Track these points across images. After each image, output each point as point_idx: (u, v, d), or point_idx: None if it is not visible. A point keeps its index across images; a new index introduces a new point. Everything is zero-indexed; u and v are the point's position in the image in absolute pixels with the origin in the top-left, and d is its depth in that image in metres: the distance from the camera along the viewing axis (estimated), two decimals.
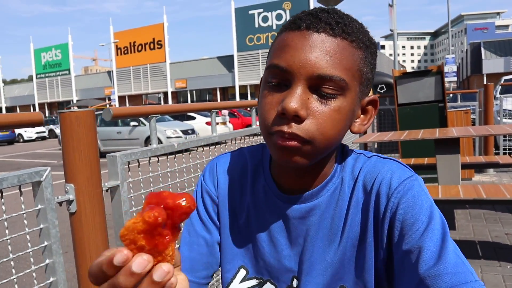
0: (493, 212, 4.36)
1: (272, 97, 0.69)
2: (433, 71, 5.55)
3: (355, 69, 0.67)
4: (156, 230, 0.40)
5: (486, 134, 3.46)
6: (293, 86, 0.66)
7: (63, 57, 44.53)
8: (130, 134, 13.01)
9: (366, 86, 0.72)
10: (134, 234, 0.40)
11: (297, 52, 0.65)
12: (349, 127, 0.73)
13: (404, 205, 0.68)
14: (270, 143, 0.70)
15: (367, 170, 0.76)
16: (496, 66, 33.65)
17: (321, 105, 0.66)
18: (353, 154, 0.80)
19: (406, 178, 0.71)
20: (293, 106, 0.63)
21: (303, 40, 0.66)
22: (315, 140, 0.66)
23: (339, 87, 0.66)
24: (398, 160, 0.77)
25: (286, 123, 0.65)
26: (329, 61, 0.65)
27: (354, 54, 0.67)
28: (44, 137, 26.79)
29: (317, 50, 0.65)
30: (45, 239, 1.39)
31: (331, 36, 0.66)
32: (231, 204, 0.86)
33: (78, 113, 1.42)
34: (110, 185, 1.59)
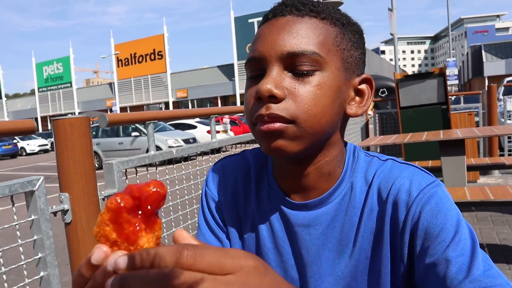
0: (499, 214, 4.29)
1: (251, 89, 0.67)
2: (435, 73, 5.51)
3: (330, 43, 0.64)
4: (121, 216, 0.37)
5: (491, 134, 3.41)
6: (267, 70, 0.64)
7: (65, 70, 44.82)
8: (132, 145, 12.99)
9: (354, 65, 0.68)
10: (104, 228, 0.37)
11: (265, 38, 0.65)
12: (342, 108, 0.68)
13: (427, 214, 0.62)
14: (256, 135, 0.67)
15: (383, 176, 0.69)
16: (497, 68, 33.64)
17: (299, 83, 0.63)
18: (365, 157, 0.73)
19: (427, 185, 0.65)
20: (265, 86, 0.61)
21: (270, 27, 0.65)
22: (299, 118, 0.62)
23: (314, 62, 0.63)
24: (416, 165, 0.71)
25: (264, 106, 0.63)
26: (298, 38, 0.63)
27: (328, 30, 0.65)
28: (47, 150, 26.84)
29: (285, 31, 0.64)
30: (39, 251, 1.34)
31: (298, 17, 0.65)
32: (236, 210, 0.80)
33: (72, 120, 1.38)
34: (107, 193, 1.55)
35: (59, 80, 45.63)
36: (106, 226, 0.37)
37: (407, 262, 0.65)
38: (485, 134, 3.48)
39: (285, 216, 0.73)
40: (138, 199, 0.38)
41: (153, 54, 38.86)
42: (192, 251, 0.33)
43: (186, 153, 1.94)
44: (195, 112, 2.07)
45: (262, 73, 0.65)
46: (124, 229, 0.37)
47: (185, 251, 0.33)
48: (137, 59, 39.88)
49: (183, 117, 2.06)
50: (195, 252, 0.33)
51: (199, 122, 17.31)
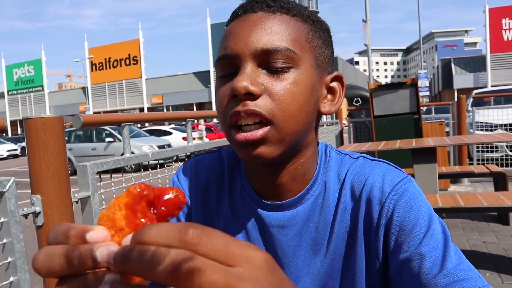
0: (469, 221, 4.41)
1: (224, 88, 0.64)
2: (407, 84, 5.66)
3: (302, 40, 0.64)
4: (139, 204, 0.34)
5: (461, 143, 3.51)
6: (241, 67, 0.62)
7: (36, 73, 43.67)
8: (106, 150, 12.74)
9: (326, 63, 0.68)
10: (115, 212, 0.33)
11: (237, 35, 0.63)
12: (316, 106, 0.67)
13: (400, 211, 0.63)
14: (231, 141, 0.64)
15: (355, 174, 0.69)
16: (466, 81, 34.78)
17: (275, 80, 0.61)
18: (337, 155, 0.74)
19: (399, 181, 0.66)
20: (241, 84, 0.59)
21: (241, 23, 0.64)
22: (277, 118, 0.60)
23: (289, 59, 0.61)
24: (387, 161, 0.72)
25: (241, 103, 0.61)
26: (271, 34, 0.62)
27: (300, 27, 0.64)
28: (16, 155, 25.99)
29: (257, 28, 0.62)
30: (9, 255, 1.29)
31: (270, 13, 0.63)
32: (206, 210, 0.78)
33: (45, 120, 1.35)
34: (80, 196, 1.51)
35: (30, 83, 44.39)
36: (119, 210, 0.34)
37: (382, 259, 0.65)
38: (455, 143, 3.58)
39: (259, 217, 0.72)
40: (157, 198, 0.35)
41: (128, 59, 38.37)
42: (199, 230, 0.29)
43: (162, 156, 1.91)
44: (172, 116, 2.06)
45: (234, 71, 0.63)
46: (137, 219, 0.34)
47: (191, 229, 0.29)
48: (112, 63, 39.28)
49: (160, 120, 2.03)
50: (202, 232, 0.29)
51: (174, 128, 17.17)
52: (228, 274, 0.28)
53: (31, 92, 44.50)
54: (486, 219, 4.43)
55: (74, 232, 0.32)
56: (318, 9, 4.95)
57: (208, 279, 0.27)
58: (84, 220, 1.57)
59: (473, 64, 36.36)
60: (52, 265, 0.31)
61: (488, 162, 6.82)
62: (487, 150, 6.93)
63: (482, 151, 6.97)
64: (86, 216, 1.55)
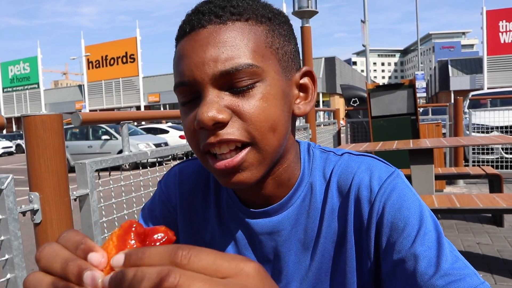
0: (464, 222, 4.43)
1: (189, 116, 0.60)
2: (405, 85, 5.68)
3: (262, 47, 0.58)
4: (129, 236, 0.36)
5: (457, 144, 3.53)
6: (203, 95, 0.57)
7: (32, 70, 43.43)
8: (102, 148, 12.70)
9: (291, 61, 0.63)
10: (108, 243, 0.36)
11: (190, 58, 0.57)
12: (290, 111, 0.63)
13: (390, 210, 0.61)
14: (208, 167, 0.61)
15: (340, 171, 0.67)
16: (462, 83, 34.90)
17: (241, 100, 0.57)
18: (321, 153, 0.71)
19: (387, 178, 0.64)
20: (207, 115, 0.55)
21: (192, 43, 0.58)
22: (254, 138, 0.57)
23: (252, 74, 0.57)
24: (373, 155, 0.69)
25: (212, 135, 0.57)
26: (227, 51, 0.56)
27: (255, 32, 0.58)
28: (11, 153, 25.87)
29: (210, 46, 0.56)
30: (6, 252, 1.29)
31: (220, 24, 0.57)
32: (192, 217, 0.76)
33: (44, 117, 1.34)
34: (79, 193, 1.50)
35: (25, 80, 44.15)
36: (112, 242, 0.36)
37: (374, 258, 0.64)
38: (452, 144, 3.60)
39: (246, 225, 0.70)
40: (147, 234, 0.37)
41: (125, 57, 38.21)
42: (187, 251, 0.31)
43: (161, 155, 1.91)
44: (171, 114, 2.06)
45: (196, 95, 0.59)
46: (126, 246, 0.36)
47: (180, 251, 0.31)
48: (109, 61, 39.11)
49: (159, 118, 2.03)
50: (190, 252, 0.31)
51: (171, 127, 17.12)
52: (213, 283, 0.29)
53: (27, 89, 44.27)
54: (481, 220, 4.45)
55: (83, 246, 0.35)
56: (317, 9, 4.94)
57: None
58: (82, 218, 1.57)
59: (470, 66, 36.49)
60: (52, 262, 0.35)
61: (484, 164, 6.85)
62: (483, 152, 6.96)
63: (478, 152, 7.00)
64: (84, 214, 1.55)
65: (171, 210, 0.78)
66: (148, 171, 2.02)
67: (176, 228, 0.77)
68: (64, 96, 45.37)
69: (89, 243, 0.35)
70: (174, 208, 0.78)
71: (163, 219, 0.78)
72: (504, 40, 27.58)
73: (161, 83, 39.49)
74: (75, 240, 0.36)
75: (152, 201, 0.80)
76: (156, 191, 0.82)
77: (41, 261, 0.35)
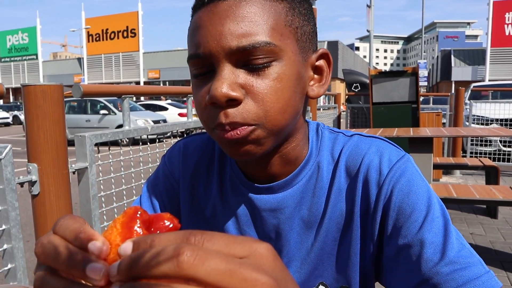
0: (458, 213, 4.47)
1: (201, 89, 0.59)
2: (408, 72, 5.64)
3: (281, 26, 0.57)
4: (134, 222, 0.35)
5: (457, 135, 3.52)
6: (217, 69, 0.56)
7: (31, 41, 42.89)
8: (100, 123, 12.66)
9: (309, 42, 0.62)
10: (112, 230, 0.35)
11: (208, 30, 0.56)
12: (304, 93, 0.62)
13: (399, 194, 0.60)
14: (216, 139, 0.61)
15: (350, 152, 0.66)
16: (464, 74, 34.79)
17: (256, 79, 0.56)
18: (330, 134, 0.70)
19: (397, 161, 0.63)
20: (221, 90, 0.54)
21: (210, 15, 0.56)
22: (262, 120, 0.56)
23: (269, 53, 0.55)
24: (383, 138, 0.68)
25: (222, 112, 0.56)
26: (245, 27, 0.55)
27: (276, 9, 0.57)
28: (8, 123, 25.77)
29: (228, 19, 0.55)
30: (3, 223, 1.28)
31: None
32: (194, 193, 0.76)
33: (45, 87, 1.32)
34: (78, 167, 1.49)
35: (24, 51, 43.64)
36: (115, 230, 0.35)
37: (377, 242, 0.63)
38: (452, 134, 3.59)
39: (249, 201, 0.69)
40: (152, 222, 0.36)
41: (126, 32, 37.72)
42: (200, 236, 0.30)
43: (161, 131, 1.89)
44: (173, 90, 2.02)
45: (210, 69, 0.58)
46: (132, 234, 0.35)
47: (193, 237, 0.30)
48: (109, 35, 38.62)
49: (161, 94, 2.01)
50: (203, 237, 0.30)
51: (171, 104, 17.04)
52: (230, 259, 0.29)
53: (25, 60, 43.80)
54: (475, 211, 4.49)
55: (82, 235, 0.33)
56: None
57: (210, 264, 0.28)
58: (80, 191, 1.55)
59: (473, 57, 36.32)
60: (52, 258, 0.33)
61: (481, 155, 6.87)
62: (481, 144, 6.97)
63: (476, 144, 7.01)
64: (83, 188, 1.54)
65: (174, 185, 0.77)
66: (148, 147, 2.00)
67: (178, 203, 0.77)
68: (63, 68, 44.98)
69: (89, 231, 0.34)
70: (177, 182, 0.77)
71: (166, 194, 0.78)
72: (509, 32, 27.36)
73: (162, 60, 39.17)
74: (73, 229, 0.34)
75: (156, 175, 0.80)
76: (160, 165, 0.81)
77: (41, 257, 0.34)
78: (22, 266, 1.31)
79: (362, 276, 0.66)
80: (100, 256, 0.32)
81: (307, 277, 0.68)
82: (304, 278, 0.68)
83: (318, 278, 0.67)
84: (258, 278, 0.29)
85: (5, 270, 1.30)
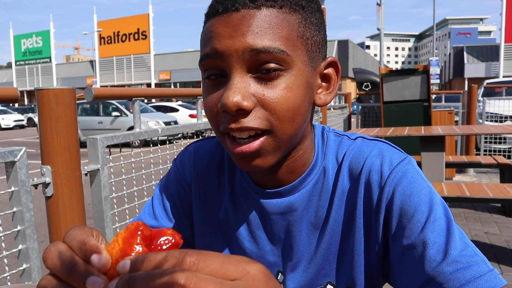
0: (473, 211, 4.41)
1: (212, 94, 0.60)
2: (419, 70, 5.59)
3: (294, 37, 0.58)
4: (135, 239, 0.36)
5: (470, 133, 3.48)
6: (230, 75, 0.57)
7: (44, 44, 43.46)
8: (112, 124, 12.78)
9: (318, 51, 0.63)
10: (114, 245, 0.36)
11: (221, 36, 0.57)
12: (312, 101, 0.63)
13: (400, 195, 0.61)
14: (226, 148, 0.62)
15: (353, 155, 0.67)
16: (477, 70, 34.28)
17: (267, 88, 0.57)
18: (335, 137, 0.71)
19: (398, 163, 0.63)
20: (232, 99, 0.55)
21: (224, 25, 0.57)
22: (273, 127, 0.57)
23: (281, 61, 0.56)
24: (386, 141, 0.69)
25: (233, 120, 0.57)
26: (259, 33, 0.55)
27: (289, 21, 0.57)
28: (23, 126, 26.17)
29: (242, 28, 0.56)
30: (18, 223, 1.31)
31: (254, 9, 0.56)
32: (206, 197, 0.77)
33: (58, 91, 1.34)
34: (90, 168, 1.51)
35: (38, 54, 44.24)
36: (117, 244, 0.36)
37: (382, 242, 0.64)
38: (465, 132, 3.55)
39: (259, 205, 0.71)
40: (153, 237, 0.37)
41: (137, 34, 38.00)
42: (195, 257, 0.32)
43: (172, 133, 1.91)
44: (183, 92, 2.04)
45: (221, 73, 0.59)
46: (132, 251, 0.36)
47: (188, 258, 0.31)
48: (121, 37, 38.95)
49: (171, 96, 2.03)
50: (198, 258, 0.32)
51: (182, 105, 17.13)
52: (223, 285, 0.30)
53: (39, 63, 44.39)
54: (490, 210, 4.43)
55: (86, 247, 0.35)
56: None
57: None
58: (93, 193, 1.58)
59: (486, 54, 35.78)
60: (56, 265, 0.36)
61: (495, 153, 6.77)
62: (495, 141, 6.87)
63: (490, 142, 6.91)
64: (95, 189, 1.56)
65: (186, 188, 0.79)
66: (159, 148, 2.02)
67: (190, 206, 0.78)
68: (76, 71, 45.48)
69: (92, 244, 0.36)
70: (189, 186, 0.79)
71: (178, 196, 0.79)
72: None
73: (172, 61, 39.37)
74: (79, 240, 0.36)
75: (167, 178, 0.81)
76: (171, 169, 0.82)
77: (47, 261, 0.36)
78: (37, 266, 1.34)
79: (368, 277, 0.67)
80: (101, 270, 0.34)
81: (315, 276, 0.69)
82: (312, 277, 0.69)
83: (326, 277, 0.69)
84: None
85: (20, 270, 1.33)
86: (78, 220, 1.42)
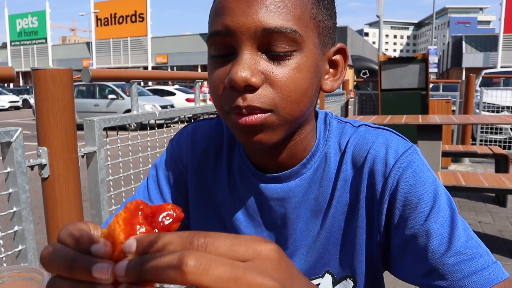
0: (467, 201, 4.45)
1: (219, 71, 0.58)
2: (418, 59, 5.57)
3: (307, 17, 0.56)
4: (136, 218, 0.35)
5: (467, 122, 3.48)
6: (239, 52, 0.55)
7: (40, 25, 42.89)
8: (108, 107, 12.72)
9: (329, 36, 0.62)
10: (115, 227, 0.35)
11: (234, 13, 0.55)
12: (319, 86, 0.62)
13: (405, 184, 0.60)
14: (229, 124, 0.60)
15: (356, 143, 0.66)
16: (475, 60, 34.22)
17: (276, 66, 0.56)
18: (338, 124, 0.70)
19: (403, 152, 0.63)
20: (241, 75, 0.53)
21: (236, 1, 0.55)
22: (278, 107, 0.56)
23: (292, 41, 0.55)
24: (391, 129, 0.68)
25: (240, 96, 0.55)
26: (272, 12, 0.54)
27: (303, 1, 0.56)
28: (18, 107, 25.96)
29: (256, 3, 0.54)
30: (14, 205, 1.30)
31: None
32: (203, 179, 0.76)
33: (54, 71, 1.32)
34: (87, 151, 1.50)
35: (33, 35, 43.69)
36: (118, 226, 0.35)
37: (384, 232, 0.64)
38: (462, 122, 3.55)
39: (257, 190, 0.70)
40: (154, 214, 0.36)
41: (134, 16, 37.53)
42: (203, 239, 0.31)
43: (169, 116, 1.90)
44: (181, 75, 2.02)
45: (230, 52, 0.57)
46: (135, 231, 0.35)
47: (196, 240, 0.31)
48: (117, 19, 38.46)
49: (169, 78, 2.01)
50: (206, 240, 0.31)
51: (178, 89, 17.03)
52: (234, 265, 0.29)
53: (34, 44, 43.87)
54: (484, 199, 4.46)
55: (83, 240, 0.34)
56: None
57: (214, 273, 0.28)
58: (89, 175, 1.57)
59: (485, 43, 35.67)
60: (55, 263, 0.34)
61: (491, 143, 6.80)
62: (491, 132, 6.90)
63: (486, 132, 6.93)
64: (91, 171, 1.55)
65: (182, 169, 0.77)
66: (156, 132, 2.01)
67: (186, 187, 0.77)
68: (72, 52, 45.01)
69: (88, 236, 0.34)
70: (185, 167, 0.77)
71: (173, 177, 0.78)
72: None
73: (170, 45, 39.02)
74: (73, 235, 0.35)
75: (163, 159, 0.80)
76: (167, 149, 0.80)
77: (46, 263, 0.35)
78: (33, 247, 1.34)
79: (369, 266, 0.66)
80: (104, 257, 0.33)
81: (313, 265, 0.68)
82: (310, 266, 0.68)
83: (324, 266, 0.68)
84: (263, 282, 0.30)
85: (16, 251, 1.32)
86: (74, 202, 1.41)
